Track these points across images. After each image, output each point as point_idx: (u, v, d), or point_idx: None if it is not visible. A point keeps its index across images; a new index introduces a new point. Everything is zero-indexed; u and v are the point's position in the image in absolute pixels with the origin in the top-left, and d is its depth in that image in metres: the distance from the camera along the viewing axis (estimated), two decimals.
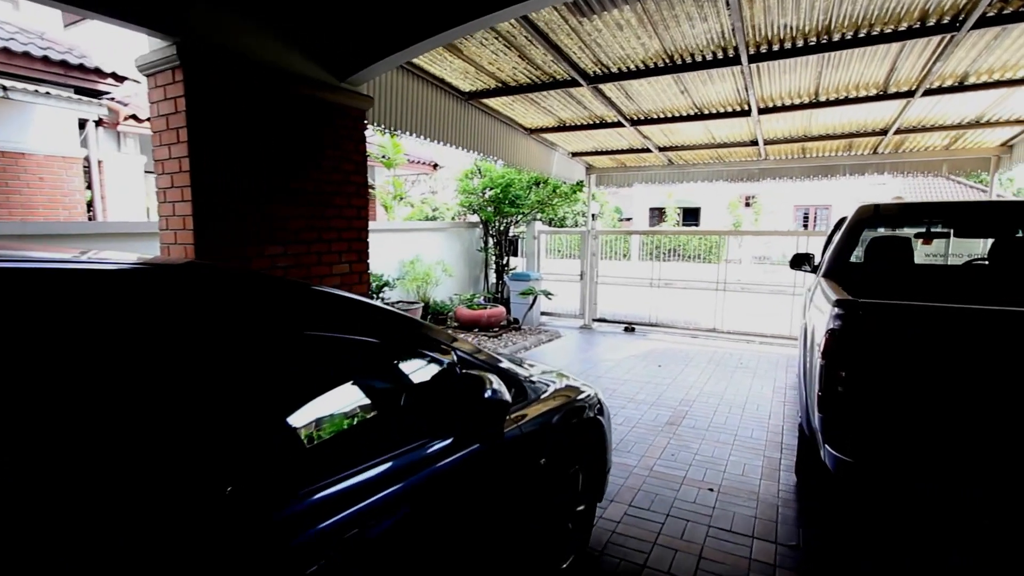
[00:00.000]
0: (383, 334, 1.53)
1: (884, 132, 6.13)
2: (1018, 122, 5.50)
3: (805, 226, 24.76)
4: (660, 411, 4.61)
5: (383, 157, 8.78)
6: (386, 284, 6.66)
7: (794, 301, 7.57)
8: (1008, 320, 1.89)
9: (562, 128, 6.55)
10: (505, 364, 2.14)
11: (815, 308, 2.95)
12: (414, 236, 8.14)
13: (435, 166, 11.34)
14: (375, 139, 9.10)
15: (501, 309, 7.84)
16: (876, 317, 2.01)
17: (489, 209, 8.55)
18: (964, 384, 1.94)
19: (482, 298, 8.52)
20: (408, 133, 4.87)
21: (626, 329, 8.55)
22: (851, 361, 2.02)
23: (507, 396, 1.63)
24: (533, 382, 2.24)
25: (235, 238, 3.01)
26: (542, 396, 2.19)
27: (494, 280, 9.40)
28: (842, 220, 4.44)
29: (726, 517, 2.73)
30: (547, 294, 7.99)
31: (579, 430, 2.30)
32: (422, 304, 7.24)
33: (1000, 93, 4.73)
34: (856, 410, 2.02)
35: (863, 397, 2.01)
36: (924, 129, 6.00)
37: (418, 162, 11.16)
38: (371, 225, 8.65)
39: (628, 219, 29.93)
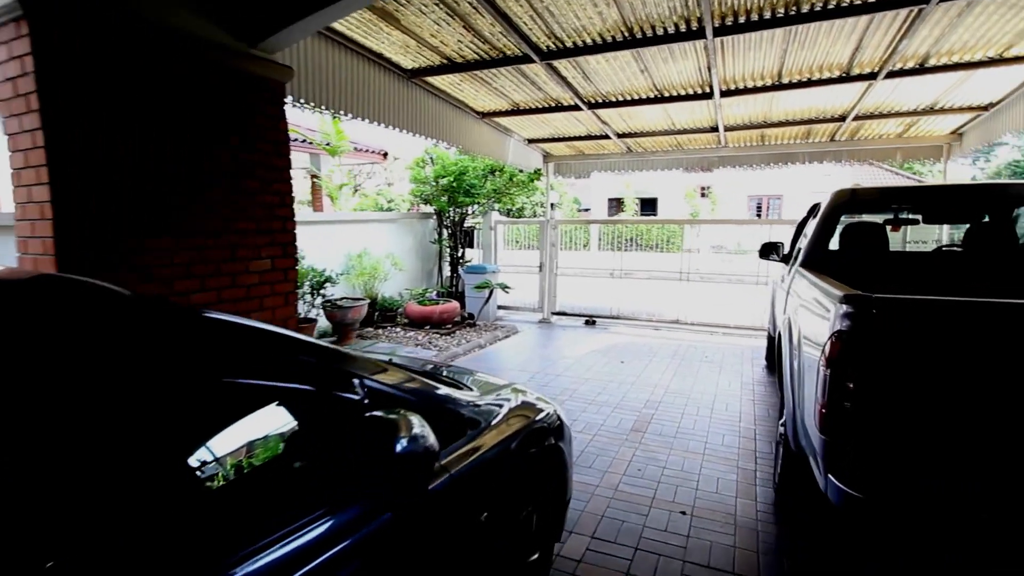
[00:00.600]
0: (280, 370, 1.10)
1: (842, 119, 6.00)
2: (969, 109, 5.45)
3: (759, 215, 25.27)
4: (624, 415, 4.29)
5: (327, 144, 8.13)
6: (328, 280, 6.10)
7: (757, 291, 7.43)
8: None
9: (516, 112, 6.13)
10: (444, 391, 1.71)
11: (802, 304, 2.65)
12: (361, 228, 7.57)
13: (385, 155, 10.71)
14: (319, 124, 8.43)
15: (455, 304, 7.40)
16: (894, 316, 1.67)
17: (443, 199, 8.06)
18: (1010, 398, 1.60)
19: (435, 293, 8.05)
20: (343, 113, 4.35)
21: (587, 322, 8.26)
22: (863, 371, 1.68)
23: (431, 442, 1.21)
24: (479, 407, 1.82)
25: (109, 228, 2.45)
26: (492, 424, 1.77)
27: (448, 273, 8.93)
28: (815, 206, 4.21)
29: (702, 549, 2.41)
30: (504, 287, 7.60)
31: (534, 462, 1.90)
32: (368, 301, 6.71)
33: (957, 77, 4.60)
34: (869, 432, 1.69)
35: (878, 415, 1.67)
36: (881, 116, 5.89)
37: (367, 150, 10.51)
38: (312, 216, 8.05)
39: (587, 209, 29.88)
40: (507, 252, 9.30)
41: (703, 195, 25.57)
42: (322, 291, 6.11)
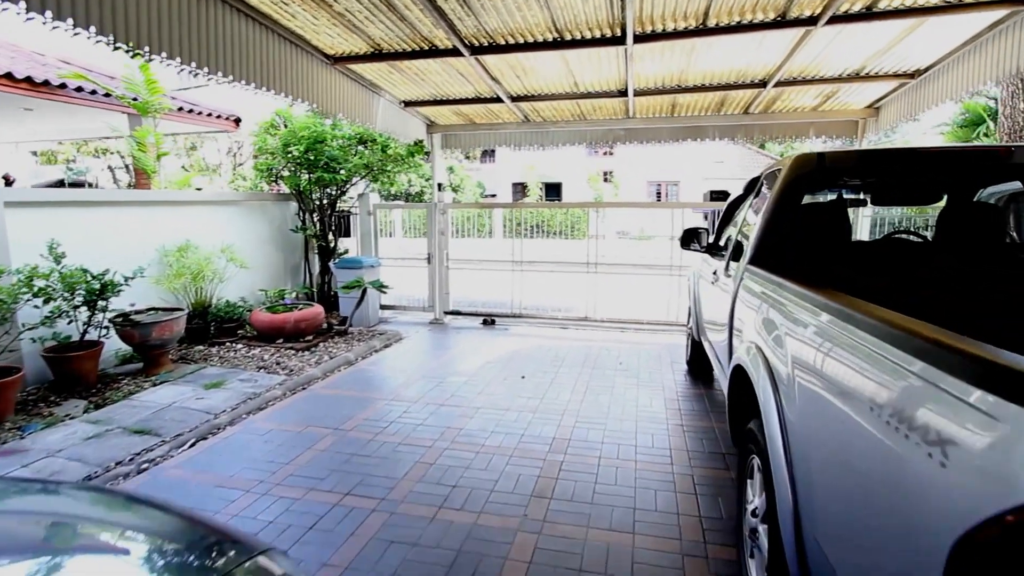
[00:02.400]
0: None
1: (763, 84, 5.24)
2: (895, 76, 4.88)
3: (658, 199, 25.62)
4: (523, 468, 3.13)
5: (133, 99, 6.12)
6: (109, 287, 4.31)
7: (670, 282, 6.63)
8: None
9: (378, 56, 4.69)
10: None
11: (772, 333, 1.62)
12: (185, 213, 5.75)
13: (237, 121, 8.71)
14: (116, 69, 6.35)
15: (316, 309, 5.85)
16: None
17: (304, 176, 6.42)
18: None
19: (295, 295, 6.43)
20: (98, 33, 2.72)
21: (485, 322, 7.07)
22: None
23: None
24: None
25: None
26: None
27: (319, 269, 7.31)
28: (754, 182, 3.26)
29: None
30: (380, 287, 6.15)
31: None
32: (186, 312, 4.99)
33: (904, 26, 3.89)
34: None
35: None
36: (803, 81, 5.20)
37: (210, 115, 8.46)
38: (85, 196, 5.79)
39: (492, 195, 28.79)
40: (392, 241, 7.83)
41: (606, 180, 25.42)
42: (98, 304, 4.32)
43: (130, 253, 5.07)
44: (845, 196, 3.36)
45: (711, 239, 4.17)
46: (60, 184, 9.07)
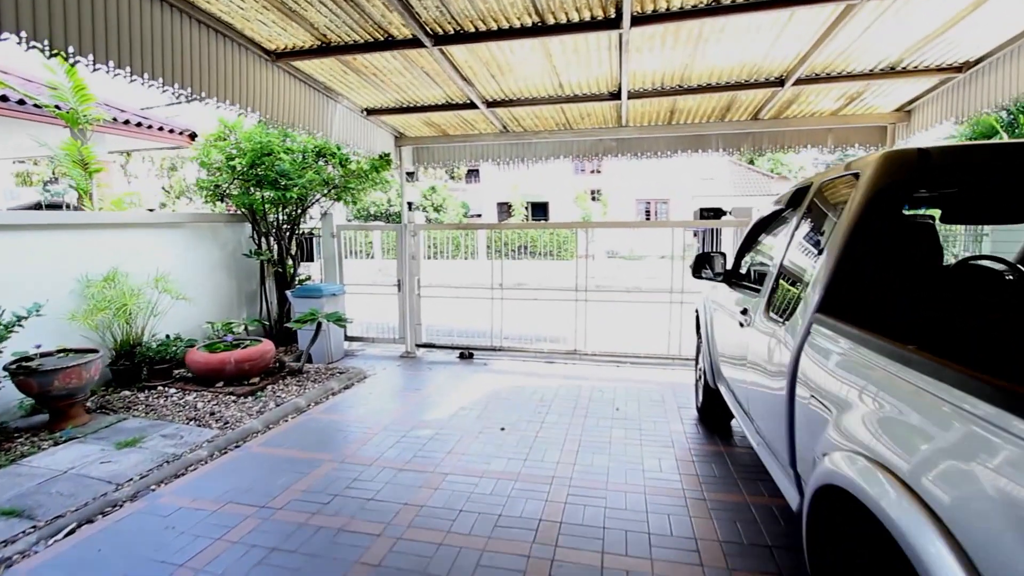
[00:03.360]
0: None
1: (780, 82, 4.61)
2: (938, 70, 4.25)
3: (647, 218, 25.13)
4: (498, 572, 2.33)
5: (57, 107, 5.34)
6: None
7: (672, 310, 5.90)
8: None
9: (325, 49, 3.98)
10: None
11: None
12: (116, 237, 4.95)
13: (193, 136, 7.95)
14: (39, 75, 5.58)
15: (264, 347, 5.02)
16: None
17: (257, 194, 5.65)
18: None
19: (244, 328, 5.60)
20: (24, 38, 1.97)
21: (462, 355, 6.28)
22: None
23: None
24: None
25: None
26: None
27: (276, 299, 6.50)
28: (800, 194, 2.53)
29: None
30: (338, 321, 5.33)
31: None
32: (99, 356, 4.14)
33: (962, 6, 3.25)
34: None
35: None
36: (827, 79, 4.56)
37: (161, 128, 7.70)
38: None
39: (477, 215, 28.16)
40: (384, 262, 7.02)
41: (594, 199, 24.94)
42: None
43: (43, 285, 4.25)
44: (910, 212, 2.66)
45: (727, 265, 3.47)
46: (37, 207, 8.26)
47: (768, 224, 3.05)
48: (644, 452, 3.58)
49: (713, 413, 3.93)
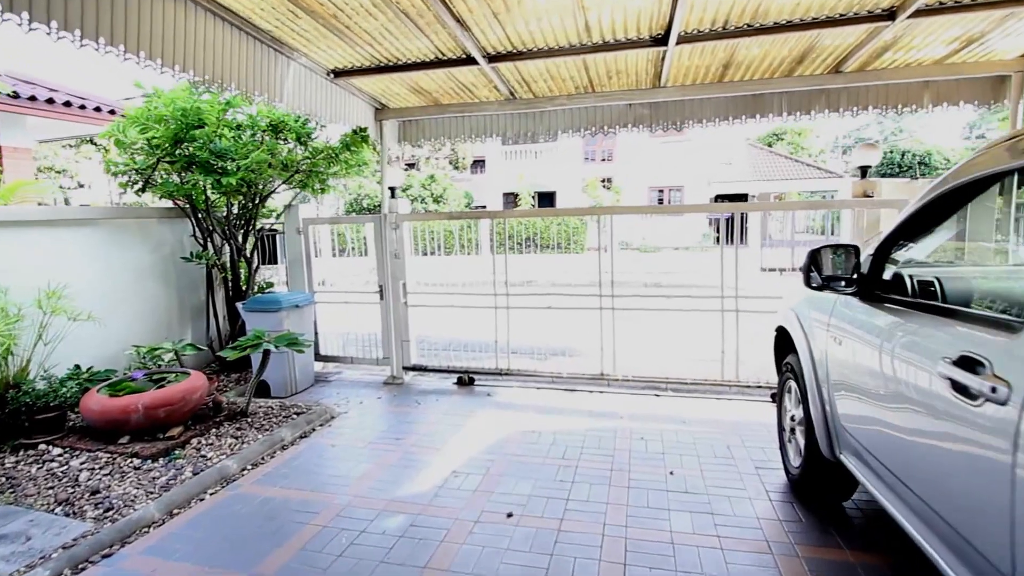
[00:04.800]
0: None
1: (890, 15, 3.27)
2: None
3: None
4: None
5: None
6: None
7: (717, 315, 4.61)
8: None
9: None
10: None
11: None
12: None
13: (112, 112, 6.67)
14: None
15: (191, 384, 3.75)
16: None
17: (192, 179, 4.39)
18: None
19: (175, 356, 4.35)
20: None
21: (460, 381, 5.04)
22: None
23: None
24: None
25: None
26: None
27: (226, 313, 5.26)
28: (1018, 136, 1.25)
29: None
30: (294, 345, 4.04)
31: None
32: None
33: None
34: None
35: None
36: (954, 8, 3.22)
37: (95, 108, 6.45)
38: None
39: (482, 207, 26.79)
40: (372, 261, 5.75)
41: (606, 187, 23.53)
42: None
43: None
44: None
45: (863, 268, 2.19)
46: None
47: (960, 198, 1.75)
48: (730, 561, 2.31)
49: (822, 489, 2.66)
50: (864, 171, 4.45)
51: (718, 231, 22.49)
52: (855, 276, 2.22)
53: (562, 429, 3.94)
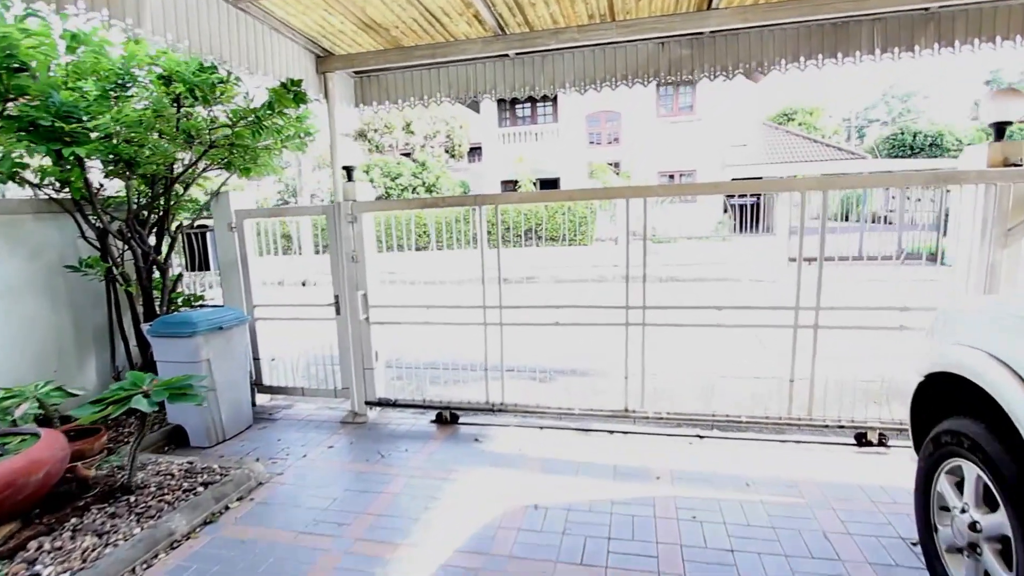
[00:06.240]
0: None
1: None
2: None
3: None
4: None
5: None
6: None
7: (780, 335, 3.36)
8: None
9: None
10: None
11: None
12: None
13: None
14: None
15: (38, 454, 2.51)
16: None
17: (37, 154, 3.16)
18: None
19: (40, 406, 3.12)
20: None
21: (439, 419, 3.84)
22: None
23: None
24: None
25: None
26: None
27: (136, 340, 4.04)
28: None
29: None
30: (183, 394, 2.76)
31: None
32: None
33: None
34: None
35: None
36: None
37: None
38: None
39: None
40: (393, 258, 4.48)
41: (615, 172, 22.16)
42: None
43: None
44: None
45: None
46: None
47: None
48: None
49: None
50: (1001, 129, 3.16)
51: (734, 218, 21.12)
52: None
53: (578, 501, 2.73)
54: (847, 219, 12.87)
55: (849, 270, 3.73)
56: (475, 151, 27.79)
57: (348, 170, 3.82)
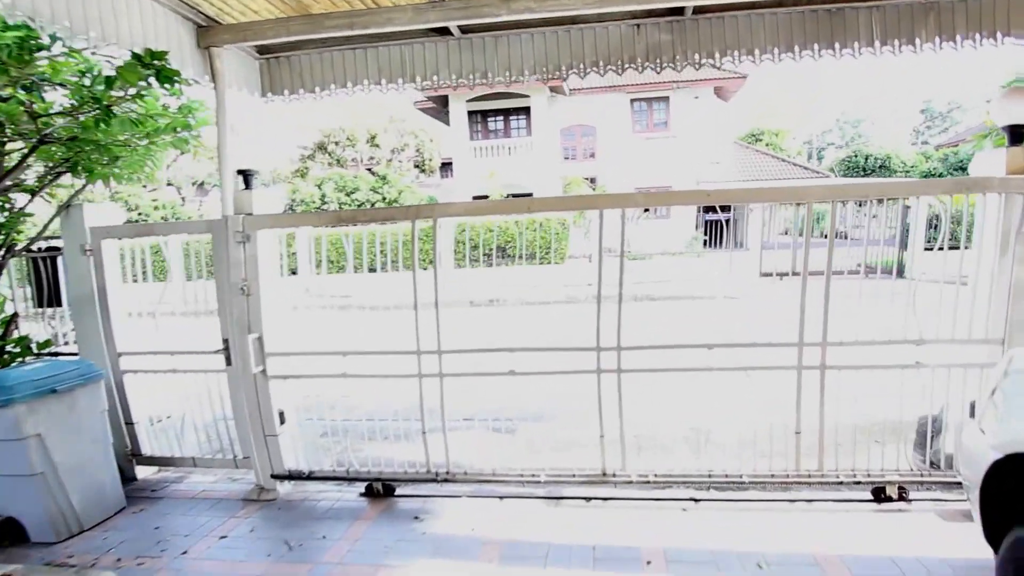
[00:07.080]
0: None
1: None
2: None
3: (646, 209, 21.88)
4: None
5: None
6: None
7: (783, 378, 2.65)
8: None
9: None
10: None
11: None
12: None
13: None
14: None
15: None
16: None
17: None
18: None
19: None
20: None
21: (370, 492, 2.98)
22: None
23: None
24: None
25: None
26: None
27: None
28: None
29: None
30: None
31: None
32: None
33: None
34: None
35: None
36: None
37: None
38: None
39: None
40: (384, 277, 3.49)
41: (591, 187, 21.67)
42: None
43: None
44: None
45: None
46: None
47: None
48: None
49: None
50: (1018, 134, 2.58)
51: (706, 234, 20.88)
52: None
53: None
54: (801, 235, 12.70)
55: (835, 287, 3.02)
56: (447, 166, 26.97)
57: (246, 175, 2.96)
